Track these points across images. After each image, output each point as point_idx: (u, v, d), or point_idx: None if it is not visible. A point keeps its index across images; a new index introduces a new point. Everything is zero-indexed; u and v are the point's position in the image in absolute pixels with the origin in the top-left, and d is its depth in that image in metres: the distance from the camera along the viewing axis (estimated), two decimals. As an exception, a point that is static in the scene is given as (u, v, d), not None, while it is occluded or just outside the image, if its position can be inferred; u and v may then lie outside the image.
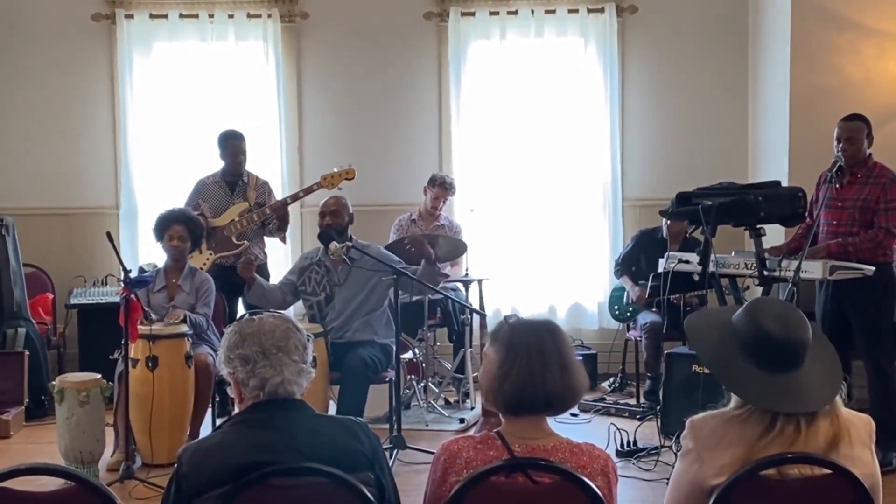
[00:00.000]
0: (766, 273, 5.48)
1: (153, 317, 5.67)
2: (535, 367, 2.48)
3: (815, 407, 2.42)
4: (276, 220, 6.73)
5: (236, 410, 2.50)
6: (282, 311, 2.72)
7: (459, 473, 2.42)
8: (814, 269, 5.29)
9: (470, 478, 2.32)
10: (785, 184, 6.05)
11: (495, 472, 2.33)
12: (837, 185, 5.58)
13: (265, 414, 2.53)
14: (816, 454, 2.38)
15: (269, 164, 7.63)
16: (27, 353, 6.68)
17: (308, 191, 6.68)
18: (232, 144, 6.81)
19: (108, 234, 5.48)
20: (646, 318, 6.88)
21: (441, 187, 7.26)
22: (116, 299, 6.54)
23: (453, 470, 2.45)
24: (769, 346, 2.44)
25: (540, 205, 7.92)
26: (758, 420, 2.42)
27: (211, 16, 7.72)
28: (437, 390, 6.95)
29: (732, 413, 2.48)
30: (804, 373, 2.45)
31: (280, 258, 7.35)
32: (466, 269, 7.00)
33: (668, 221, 6.76)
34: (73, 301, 7.18)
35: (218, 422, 6.23)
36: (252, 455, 2.40)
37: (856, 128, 5.52)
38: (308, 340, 2.67)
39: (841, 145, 5.51)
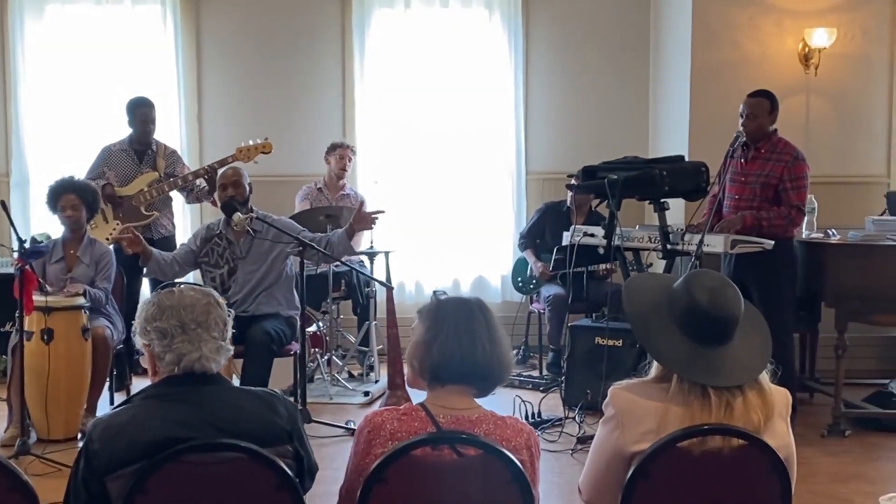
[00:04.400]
0: (669, 246, 5.57)
1: (49, 289, 5.49)
2: (463, 334, 2.49)
3: (736, 381, 2.45)
4: (205, 182, 6.53)
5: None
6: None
7: (384, 445, 2.40)
8: (715, 243, 5.39)
9: (393, 451, 2.29)
10: (686, 158, 6.14)
11: (419, 445, 2.31)
12: (742, 160, 5.68)
13: (180, 388, 2.44)
14: (731, 425, 2.41)
15: (169, 132, 7.42)
16: (-87, 325, 6.42)
17: (223, 163, 6.47)
18: (142, 112, 6.64)
19: (2, 203, 5.27)
20: (549, 290, 6.92)
21: (342, 147, 7.22)
22: (9, 270, 6.34)
23: (378, 442, 2.43)
24: (699, 318, 2.46)
25: (444, 177, 7.91)
26: (686, 390, 2.44)
27: (106, -23, 7.47)
28: (340, 363, 6.90)
29: (654, 381, 2.50)
30: (733, 347, 2.49)
31: (189, 230, 7.17)
32: (371, 242, 6.94)
33: (574, 194, 6.81)
34: (-38, 272, 6.91)
35: (115, 396, 6.10)
36: (167, 430, 2.32)
37: (757, 104, 5.63)
38: (229, 316, 2.59)
39: (742, 120, 5.62)
